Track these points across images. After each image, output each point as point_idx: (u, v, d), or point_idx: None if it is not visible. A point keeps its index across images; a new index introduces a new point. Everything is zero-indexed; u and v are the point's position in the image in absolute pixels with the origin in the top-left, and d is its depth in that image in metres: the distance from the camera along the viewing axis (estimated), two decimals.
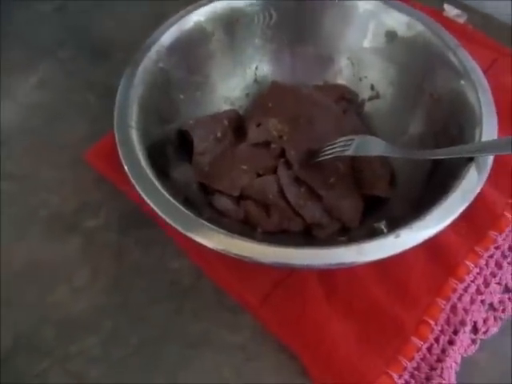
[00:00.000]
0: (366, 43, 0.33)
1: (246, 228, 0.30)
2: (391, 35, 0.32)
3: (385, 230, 0.26)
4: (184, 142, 0.32)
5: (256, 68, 0.36)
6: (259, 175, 0.31)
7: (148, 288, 0.31)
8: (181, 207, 0.24)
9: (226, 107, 0.36)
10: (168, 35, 0.31)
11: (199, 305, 0.30)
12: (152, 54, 0.30)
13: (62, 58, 0.44)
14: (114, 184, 0.35)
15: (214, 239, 0.23)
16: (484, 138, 0.25)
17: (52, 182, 0.36)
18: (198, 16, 0.32)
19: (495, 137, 0.26)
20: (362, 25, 0.33)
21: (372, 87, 0.35)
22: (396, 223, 0.24)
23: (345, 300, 0.28)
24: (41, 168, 0.37)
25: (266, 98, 0.34)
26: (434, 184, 0.27)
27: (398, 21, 0.32)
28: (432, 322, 0.27)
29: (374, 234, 0.26)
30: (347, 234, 0.29)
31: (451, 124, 0.28)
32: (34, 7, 0.47)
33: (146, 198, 0.25)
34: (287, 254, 0.22)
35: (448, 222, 0.23)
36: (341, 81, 0.36)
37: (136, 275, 0.31)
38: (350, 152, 0.28)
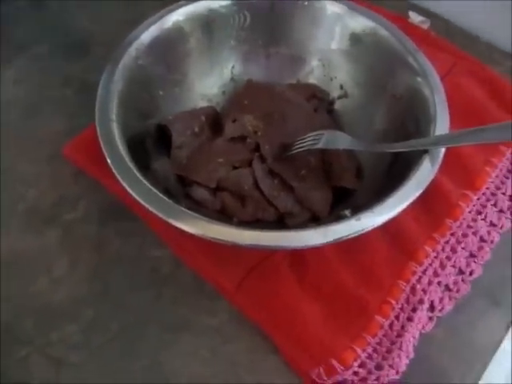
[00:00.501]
0: (334, 45, 0.36)
1: (222, 218, 0.32)
2: (356, 38, 0.35)
3: (348, 215, 0.28)
4: (163, 136, 0.34)
5: (232, 67, 0.38)
6: (235, 168, 0.33)
7: (128, 276, 0.32)
8: (161, 196, 0.26)
9: (203, 104, 0.37)
10: (148, 33, 0.32)
11: (178, 291, 0.31)
12: (132, 51, 0.31)
13: (38, 53, 0.44)
14: (92, 177, 0.35)
15: (193, 225, 0.25)
16: (437, 133, 0.28)
17: (30, 176, 0.36)
18: (177, 16, 0.34)
19: (447, 131, 0.29)
20: (329, 27, 0.35)
21: (341, 87, 0.37)
22: (360, 210, 0.27)
23: (314, 283, 0.30)
24: (18, 162, 0.37)
25: (242, 95, 0.36)
26: (394, 174, 0.29)
27: (362, 25, 0.34)
28: (393, 302, 0.30)
29: (337, 220, 0.28)
30: (317, 223, 0.31)
31: (409, 120, 0.31)
32: (11, 2, 0.47)
33: (127, 188, 0.26)
34: (261, 237, 0.24)
35: (403, 206, 0.26)
36: (312, 80, 0.38)
37: (116, 264, 0.32)
38: (319, 145, 0.31)
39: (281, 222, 0.32)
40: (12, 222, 0.34)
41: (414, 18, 0.47)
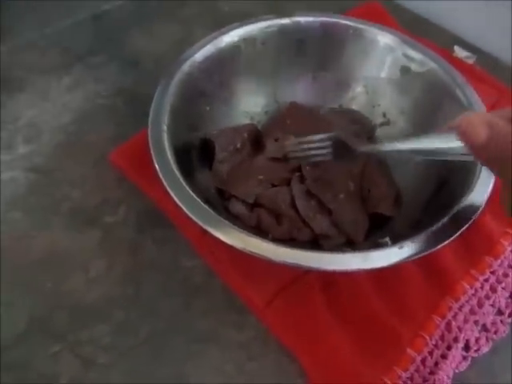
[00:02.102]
0: (382, 74, 0.36)
1: (257, 234, 0.32)
2: (405, 69, 0.35)
3: (389, 242, 0.28)
4: (207, 149, 0.35)
5: (277, 88, 0.39)
6: (273, 186, 0.34)
7: (160, 283, 0.32)
8: (203, 205, 0.27)
9: (246, 121, 0.38)
10: (202, 52, 0.34)
11: (208, 303, 0.31)
12: (185, 67, 0.33)
13: (94, 63, 0.47)
14: (134, 184, 0.37)
15: (233, 237, 0.25)
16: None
17: (76, 178, 0.38)
18: (231, 37, 0.35)
19: None
20: (380, 57, 0.36)
21: (384, 114, 0.37)
22: (397, 239, 0.27)
23: (345, 309, 0.30)
24: (66, 164, 0.39)
25: (285, 115, 0.37)
26: (436, 205, 0.29)
27: (412, 57, 0.35)
28: (427, 337, 0.29)
29: (376, 247, 0.28)
30: (352, 247, 0.31)
31: None
32: (75, 15, 0.51)
33: (171, 193, 0.27)
34: (301, 256, 0.24)
35: (446, 241, 0.25)
36: (355, 106, 0.39)
37: (149, 270, 0.33)
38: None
39: (315, 243, 0.32)
40: (55, 219, 0.36)
41: (459, 52, 0.48)
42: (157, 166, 0.28)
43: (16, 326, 0.30)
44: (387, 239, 0.29)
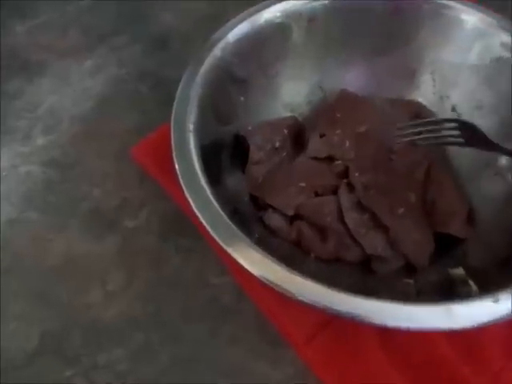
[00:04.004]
0: (457, 58, 0.29)
1: (297, 252, 0.27)
2: (492, 55, 0.28)
3: (473, 286, 0.22)
4: (240, 149, 0.30)
5: (323, 74, 0.33)
6: (317, 194, 0.28)
7: (184, 302, 0.29)
8: (228, 221, 0.22)
9: (285, 114, 0.33)
10: (236, 31, 0.28)
11: (237, 329, 0.27)
12: (217, 51, 0.28)
13: (117, 45, 0.43)
14: (158, 184, 0.33)
15: (260, 265, 0.20)
16: None
17: (96, 175, 0.35)
18: (271, 13, 0.29)
19: None
20: (464, 42, 0.29)
21: (453, 108, 0.31)
22: (476, 276, 0.21)
23: (404, 351, 0.24)
24: (86, 158, 0.36)
25: (334, 107, 0.31)
26: None
27: (503, 41, 0.27)
28: None
29: (449, 282, 0.22)
30: (413, 275, 0.26)
31: None
32: None
33: (193, 205, 0.23)
34: (349, 303, 0.19)
35: None
36: (418, 97, 0.32)
37: (173, 286, 0.29)
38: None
39: (366, 266, 0.27)
40: (72, 221, 0.32)
41: None
42: (178, 169, 0.23)
43: (27, 343, 0.27)
44: (464, 273, 0.23)
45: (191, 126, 0.25)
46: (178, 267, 0.30)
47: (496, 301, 0.18)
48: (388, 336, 0.25)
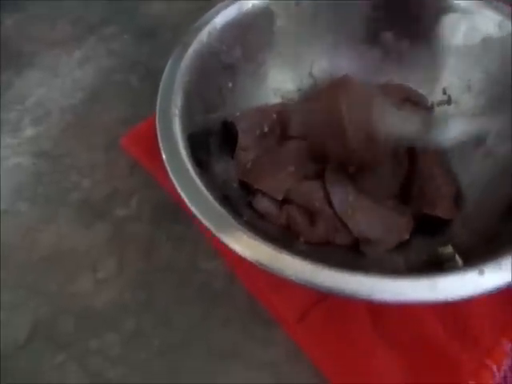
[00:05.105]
0: (445, 39, 0.29)
1: (287, 236, 0.27)
2: (479, 34, 0.28)
3: (459, 261, 0.22)
4: (228, 135, 0.30)
5: (313, 60, 0.33)
6: (306, 178, 0.28)
7: (176, 287, 0.29)
8: (218, 206, 0.22)
9: (275, 101, 0.33)
10: (223, 16, 0.28)
11: (230, 312, 0.27)
12: (203, 35, 0.28)
13: (107, 35, 0.43)
14: (148, 173, 0.33)
15: (251, 248, 0.20)
16: None
17: (85, 165, 0.35)
18: None
19: None
20: (451, 21, 0.29)
21: (444, 91, 0.31)
22: (464, 253, 0.21)
23: (394, 329, 0.25)
24: (76, 149, 0.35)
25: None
26: None
27: (489, 19, 0.27)
28: (494, 367, 0.23)
29: (437, 260, 0.22)
30: (402, 255, 0.26)
31: None
32: None
33: (180, 192, 0.23)
34: (336, 278, 0.19)
35: None
36: (407, 81, 0.32)
37: (164, 272, 0.29)
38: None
39: (355, 249, 0.27)
40: (62, 212, 0.32)
41: None
42: (164, 157, 0.23)
43: (19, 331, 0.27)
44: (453, 250, 0.23)
45: (177, 112, 0.25)
46: (169, 254, 0.30)
47: (481, 273, 0.18)
48: (378, 315, 0.25)
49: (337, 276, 0.19)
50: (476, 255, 0.19)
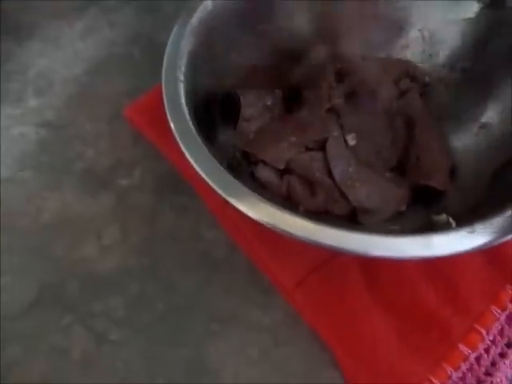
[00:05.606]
0: (444, 13, 0.29)
1: (287, 205, 0.28)
2: (477, 8, 0.28)
3: (453, 224, 0.23)
4: (232, 106, 0.30)
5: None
6: (308, 149, 0.29)
7: (178, 255, 0.29)
8: (226, 171, 0.22)
9: None
10: None
11: (230, 279, 0.28)
12: (208, 2, 0.28)
13: (109, 7, 0.42)
14: (151, 144, 0.33)
15: (259, 210, 0.21)
16: None
17: (89, 135, 0.35)
18: None
19: None
20: None
21: (444, 65, 0.31)
22: (457, 220, 0.22)
23: (388, 294, 0.26)
24: (79, 120, 0.36)
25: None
26: (506, 182, 0.24)
27: None
28: (483, 331, 0.25)
29: (432, 226, 0.23)
30: (397, 224, 0.27)
31: None
32: None
33: (188, 157, 0.23)
34: (340, 237, 0.20)
35: None
36: (407, 56, 0.32)
37: (167, 240, 0.30)
38: None
39: (353, 219, 0.28)
40: (66, 180, 0.33)
41: None
42: (172, 124, 0.24)
43: (25, 295, 0.28)
44: (446, 217, 0.24)
45: (182, 78, 0.25)
46: (172, 223, 0.31)
47: (472, 231, 0.19)
48: (373, 281, 0.26)
49: (338, 234, 0.20)
50: (467, 220, 0.20)
